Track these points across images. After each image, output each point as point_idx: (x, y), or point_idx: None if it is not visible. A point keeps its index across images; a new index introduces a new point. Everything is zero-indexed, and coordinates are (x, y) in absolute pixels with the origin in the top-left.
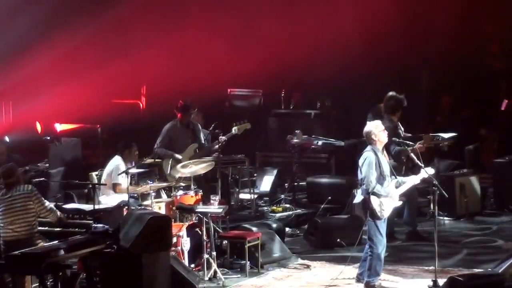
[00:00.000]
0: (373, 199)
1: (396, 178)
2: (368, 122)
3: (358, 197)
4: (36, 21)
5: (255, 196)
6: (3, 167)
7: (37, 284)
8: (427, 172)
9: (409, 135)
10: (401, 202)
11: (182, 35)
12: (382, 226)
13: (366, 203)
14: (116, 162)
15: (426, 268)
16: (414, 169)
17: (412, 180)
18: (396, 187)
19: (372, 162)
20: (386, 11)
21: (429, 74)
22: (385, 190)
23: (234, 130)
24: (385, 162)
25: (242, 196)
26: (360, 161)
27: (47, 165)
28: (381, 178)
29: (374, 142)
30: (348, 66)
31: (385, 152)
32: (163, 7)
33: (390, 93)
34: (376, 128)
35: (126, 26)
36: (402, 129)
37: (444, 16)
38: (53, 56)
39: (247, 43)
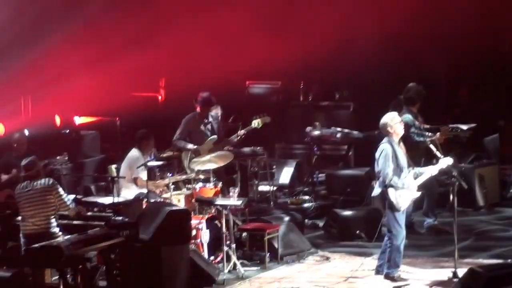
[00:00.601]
0: (390, 191)
1: (413, 169)
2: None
3: (376, 190)
4: (55, 15)
5: (274, 188)
6: (25, 159)
7: (57, 277)
8: (446, 162)
9: (428, 126)
10: (419, 193)
11: (201, 28)
12: (401, 218)
13: (384, 195)
14: (134, 154)
15: (446, 259)
16: (433, 160)
17: (430, 171)
18: (414, 178)
19: (388, 154)
20: (405, 4)
21: (447, 65)
22: (402, 182)
23: (254, 123)
24: (402, 154)
25: (261, 188)
26: (377, 154)
27: (66, 158)
28: (398, 170)
29: (390, 134)
30: (366, 57)
31: (401, 143)
32: (182, 1)
33: (410, 85)
34: (392, 120)
35: (144, 19)
36: (422, 120)
37: (462, 8)
38: (72, 50)
39: (265, 35)
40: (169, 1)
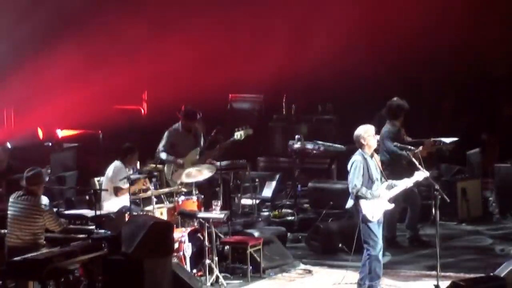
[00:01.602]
0: (362, 202)
1: (387, 181)
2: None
3: (349, 202)
4: (38, 28)
5: (257, 201)
6: (30, 170)
7: None
8: (421, 175)
9: (411, 139)
10: (393, 205)
11: (183, 41)
12: (375, 228)
13: (356, 207)
14: (116, 166)
15: (428, 272)
16: (414, 173)
17: (405, 183)
18: (388, 190)
19: (358, 165)
20: (389, 19)
21: (431, 79)
22: (373, 193)
23: (236, 135)
24: (374, 166)
25: (244, 201)
26: (349, 166)
27: (49, 171)
28: (369, 182)
29: (363, 146)
30: (349, 70)
31: (375, 156)
32: (163, 14)
33: (393, 99)
34: (365, 132)
35: (127, 32)
36: (405, 133)
37: (445, 24)
38: (55, 63)
39: (248, 48)
40: (151, 16)
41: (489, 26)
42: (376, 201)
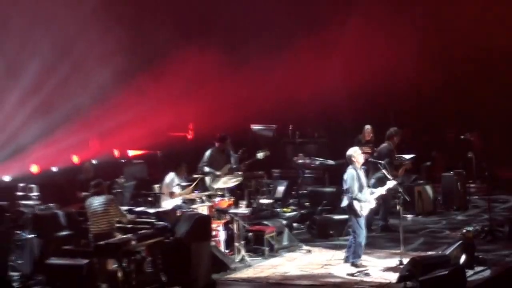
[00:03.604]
0: (355, 203)
1: (370, 188)
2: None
3: (344, 202)
4: (115, 76)
5: (272, 201)
6: (93, 181)
7: (116, 265)
8: (391, 183)
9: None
10: (375, 204)
11: (220, 87)
12: (362, 222)
13: (350, 205)
14: (171, 177)
15: (394, 251)
16: (383, 182)
17: (381, 190)
18: (370, 194)
19: (354, 176)
20: (364, 69)
21: (395, 113)
22: (364, 197)
23: (258, 156)
24: (363, 177)
25: (262, 201)
26: (345, 176)
27: (123, 180)
28: (360, 188)
29: (353, 162)
30: (338, 106)
31: (361, 169)
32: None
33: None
34: (355, 152)
35: (179, 80)
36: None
37: (404, 73)
38: (126, 102)
39: (264, 91)
40: (197, 68)
41: (435, 80)
42: (365, 202)
